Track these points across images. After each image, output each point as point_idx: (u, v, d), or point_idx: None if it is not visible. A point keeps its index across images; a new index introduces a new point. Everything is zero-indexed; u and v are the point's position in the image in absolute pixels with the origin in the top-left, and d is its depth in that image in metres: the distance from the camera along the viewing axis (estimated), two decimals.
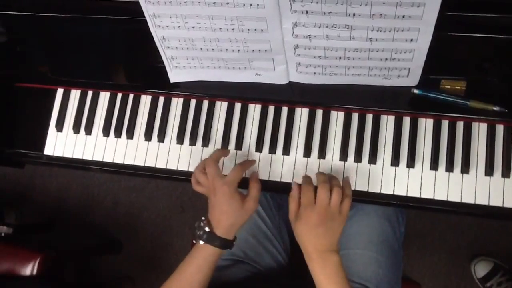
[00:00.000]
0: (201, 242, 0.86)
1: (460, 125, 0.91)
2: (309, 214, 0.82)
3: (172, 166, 1.00)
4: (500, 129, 0.90)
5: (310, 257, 0.83)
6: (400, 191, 0.91)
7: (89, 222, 1.97)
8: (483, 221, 1.69)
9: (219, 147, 0.98)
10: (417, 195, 0.91)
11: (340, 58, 0.85)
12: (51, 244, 1.47)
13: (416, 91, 0.90)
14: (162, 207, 1.93)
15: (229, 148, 0.98)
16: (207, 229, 0.86)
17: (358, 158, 0.93)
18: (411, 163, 0.91)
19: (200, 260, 0.86)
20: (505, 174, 0.88)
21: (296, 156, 0.96)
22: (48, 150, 1.05)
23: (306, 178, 0.89)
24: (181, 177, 1.00)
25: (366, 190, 0.92)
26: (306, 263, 0.84)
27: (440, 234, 1.72)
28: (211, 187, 0.87)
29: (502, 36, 0.81)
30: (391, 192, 0.92)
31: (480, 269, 1.64)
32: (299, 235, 0.85)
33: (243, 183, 0.91)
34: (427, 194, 0.90)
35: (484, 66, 0.88)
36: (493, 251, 1.68)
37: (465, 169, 0.89)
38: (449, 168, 0.90)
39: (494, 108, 0.87)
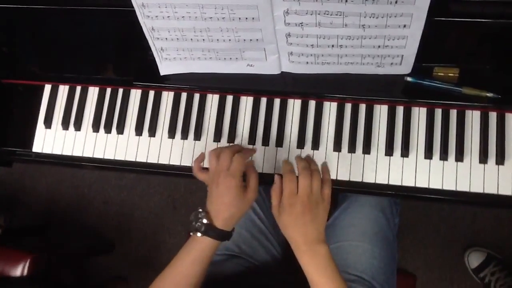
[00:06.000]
0: (199, 234, 0.83)
1: (453, 113, 0.91)
2: (293, 203, 0.81)
3: (163, 160, 0.98)
4: (493, 116, 0.90)
5: (300, 249, 0.81)
6: (395, 181, 0.91)
7: (80, 223, 1.94)
8: (475, 213, 1.70)
9: (212, 140, 0.97)
10: (412, 185, 0.90)
11: (332, 46, 0.84)
12: (42, 245, 1.45)
13: (409, 79, 0.89)
14: (154, 205, 1.91)
15: (221, 141, 0.97)
16: (205, 220, 0.83)
17: (352, 148, 0.92)
18: (405, 152, 0.91)
19: (197, 252, 0.83)
20: (499, 162, 0.88)
21: (289, 147, 0.95)
22: (37, 147, 1.03)
23: (287, 166, 0.87)
24: (173, 172, 0.99)
25: (360, 180, 0.92)
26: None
27: (433, 226, 1.72)
28: (215, 177, 0.85)
29: (494, 20, 0.80)
30: (385, 182, 0.91)
31: (473, 260, 1.65)
32: (285, 227, 0.83)
33: None
34: (422, 183, 0.90)
35: (476, 52, 0.88)
36: (485, 242, 1.68)
37: (460, 157, 0.89)
38: (443, 156, 0.90)
39: (487, 95, 0.87)
